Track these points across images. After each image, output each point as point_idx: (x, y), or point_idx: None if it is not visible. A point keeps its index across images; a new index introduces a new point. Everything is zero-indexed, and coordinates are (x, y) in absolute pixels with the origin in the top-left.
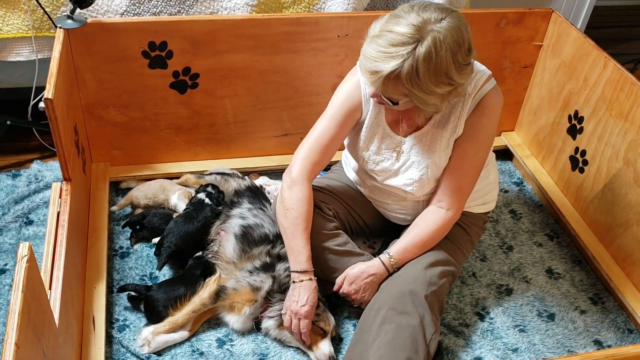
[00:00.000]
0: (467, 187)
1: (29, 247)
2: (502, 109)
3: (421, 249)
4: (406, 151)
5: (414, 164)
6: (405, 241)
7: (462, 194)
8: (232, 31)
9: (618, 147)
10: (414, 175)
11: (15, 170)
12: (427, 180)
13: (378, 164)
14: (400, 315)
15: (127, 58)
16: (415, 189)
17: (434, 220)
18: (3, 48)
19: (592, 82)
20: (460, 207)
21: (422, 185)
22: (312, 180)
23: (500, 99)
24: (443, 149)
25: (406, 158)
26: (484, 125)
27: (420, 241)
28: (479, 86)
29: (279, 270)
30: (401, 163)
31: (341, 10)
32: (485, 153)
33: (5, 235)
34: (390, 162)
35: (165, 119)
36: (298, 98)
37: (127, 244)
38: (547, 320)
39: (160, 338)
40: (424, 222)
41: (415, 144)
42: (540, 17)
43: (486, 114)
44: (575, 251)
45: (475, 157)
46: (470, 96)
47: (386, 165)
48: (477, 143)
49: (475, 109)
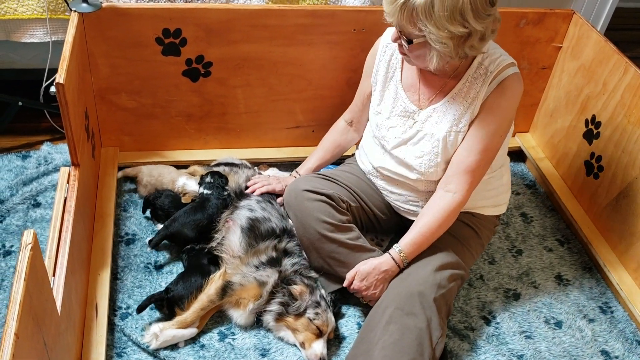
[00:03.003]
0: (477, 171)
1: (34, 234)
2: (520, 100)
3: (430, 239)
4: (420, 122)
5: (426, 136)
6: (414, 233)
7: (471, 177)
8: (247, 21)
9: (635, 154)
10: (425, 148)
11: (25, 152)
12: (436, 156)
13: (389, 130)
14: (407, 315)
15: (140, 44)
16: (424, 164)
17: (441, 205)
18: (17, 29)
19: (611, 87)
20: (468, 191)
21: (430, 160)
22: (352, 125)
23: (521, 86)
24: (457, 126)
25: (419, 128)
26: (502, 108)
27: (428, 230)
28: (501, 67)
29: (286, 265)
30: (413, 132)
31: (358, 3)
32: (499, 139)
33: (13, 217)
34: (402, 129)
35: (177, 106)
36: (311, 91)
37: (133, 230)
38: (554, 328)
39: (168, 332)
40: (431, 208)
41: (430, 116)
42: (561, 18)
43: (505, 96)
44: (585, 258)
45: (488, 140)
46: (491, 73)
47: (397, 132)
48: (492, 125)
49: (495, 90)
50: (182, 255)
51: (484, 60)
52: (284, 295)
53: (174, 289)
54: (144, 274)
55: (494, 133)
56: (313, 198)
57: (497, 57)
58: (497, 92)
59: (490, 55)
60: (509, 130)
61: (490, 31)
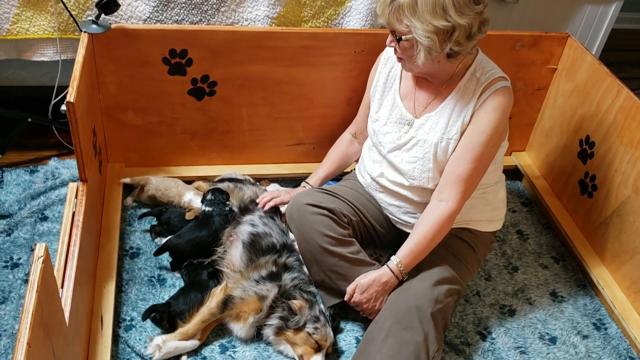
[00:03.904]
0: (469, 180)
1: (45, 248)
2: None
3: (426, 249)
4: (414, 128)
5: (419, 142)
6: (410, 244)
7: (463, 185)
8: (251, 42)
9: (628, 174)
10: (417, 154)
11: (33, 167)
12: (429, 161)
13: (385, 135)
14: (404, 329)
15: (147, 64)
16: (417, 169)
17: (435, 214)
18: (28, 48)
19: (604, 108)
20: (461, 200)
21: (423, 165)
22: (357, 137)
23: (511, 99)
24: (449, 133)
25: (413, 135)
26: (492, 119)
27: (424, 240)
28: (492, 79)
29: (285, 279)
30: (407, 138)
31: (359, 26)
32: (491, 149)
33: (20, 230)
34: (397, 135)
35: (182, 124)
36: (313, 109)
37: (137, 244)
38: (549, 344)
39: (171, 344)
40: (426, 218)
41: (424, 123)
42: (556, 41)
43: (495, 108)
44: (580, 275)
45: (479, 149)
46: (481, 84)
47: (392, 138)
48: (482, 136)
49: (485, 101)
50: (182, 271)
51: (476, 72)
52: (284, 310)
53: (174, 303)
54: (148, 287)
55: (485, 143)
56: (315, 212)
57: (489, 70)
58: (487, 104)
59: (483, 68)
60: (501, 141)
61: (476, 29)
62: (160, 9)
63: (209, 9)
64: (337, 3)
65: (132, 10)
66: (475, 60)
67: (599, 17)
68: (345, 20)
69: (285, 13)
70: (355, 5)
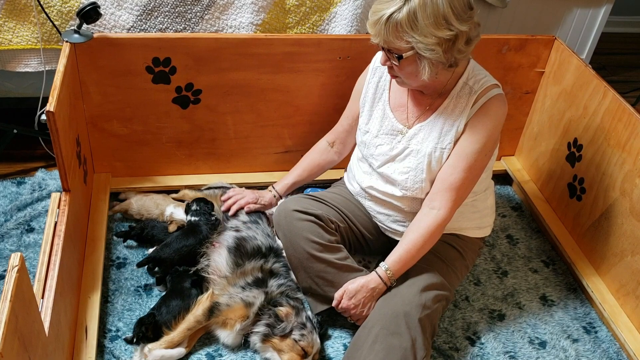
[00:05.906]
0: (461, 188)
1: (21, 257)
2: (504, 120)
3: (416, 256)
4: (407, 138)
5: (412, 152)
6: (399, 250)
7: (455, 194)
8: (235, 49)
9: (615, 176)
10: (410, 164)
11: (20, 178)
12: (422, 172)
13: (377, 147)
14: (392, 335)
15: (131, 72)
16: (410, 179)
17: (426, 222)
18: (12, 59)
19: (591, 110)
20: (452, 208)
21: (416, 175)
22: (333, 146)
23: (505, 107)
24: (442, 143)
25: (406, 145)
26: (486, 127)
27: (414, 247)
28: (485, 87)
29: (272, 286)
30: (401, 149)
31: (344, 32)
32: (484, 158)
33: (7, 242)
34: (389, 146)
35: (167, 132)
36: (299, 116)
37: (124, 254)
38: (539, 348)
39: (156, 352)
40: (416, 225)
41: (417, 133)
42: (542, 44)
43: (489, 117)
44: (570, 279)
45: (472, 158)
46: (475, 93)
47: (384, 150)
48: (476, 144)
49: (479, 110)
50: (168, 278)
51: (469, 80)
52: (270, 317)
53: (157, 313)
54: (134, 297)
55: (478, 152)
56: (302, 218)
57: (481, 77)
58: (481, 112)
59: (475, 76)
60: (493, 150)
61: (475, 33)
62: (144, 17)
63: (192, 17)
64: (321, 9)
65: (116, 20)
66: (467, 68)
67: (589, 20)
68: (331, 26)
69: (270, 20)
70: (340, 11)
